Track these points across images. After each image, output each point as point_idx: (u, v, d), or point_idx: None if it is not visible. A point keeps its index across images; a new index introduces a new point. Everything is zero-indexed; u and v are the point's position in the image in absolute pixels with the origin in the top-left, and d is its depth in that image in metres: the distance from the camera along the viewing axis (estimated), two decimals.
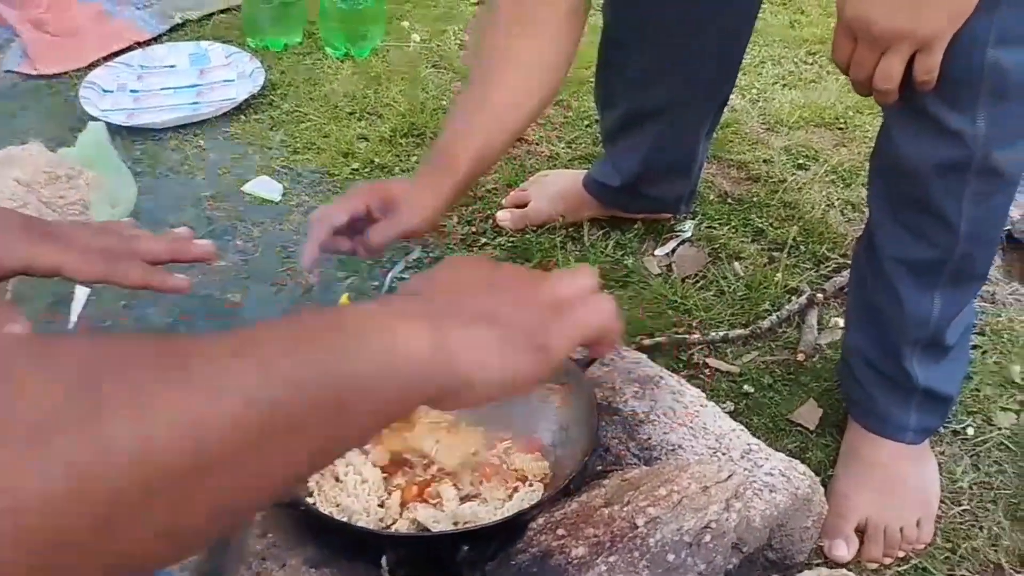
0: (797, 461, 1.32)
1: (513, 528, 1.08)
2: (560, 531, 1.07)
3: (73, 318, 1.92)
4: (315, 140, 2.43)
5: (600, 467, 1.28)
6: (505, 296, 0.63)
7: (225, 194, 2.25)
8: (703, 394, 1.41)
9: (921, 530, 1.49)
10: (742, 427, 1.37)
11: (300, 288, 2.00)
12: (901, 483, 1.51)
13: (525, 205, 2.16)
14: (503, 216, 2.17)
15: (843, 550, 1.48)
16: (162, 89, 2.64)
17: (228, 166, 2.35)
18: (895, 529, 1.47)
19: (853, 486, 1.52)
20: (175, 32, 2.92)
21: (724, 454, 1.31)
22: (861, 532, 1.49)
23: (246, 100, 2.55)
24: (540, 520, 1.10)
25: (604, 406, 1.35)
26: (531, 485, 1.20)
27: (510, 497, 1.17)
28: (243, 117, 2.53)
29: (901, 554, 1.48)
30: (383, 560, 1.06)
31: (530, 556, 1.05)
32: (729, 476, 1.09)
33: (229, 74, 2.68)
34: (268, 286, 2.00)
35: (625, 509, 1.07)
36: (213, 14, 2.99)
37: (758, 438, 1.34)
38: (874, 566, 1.47)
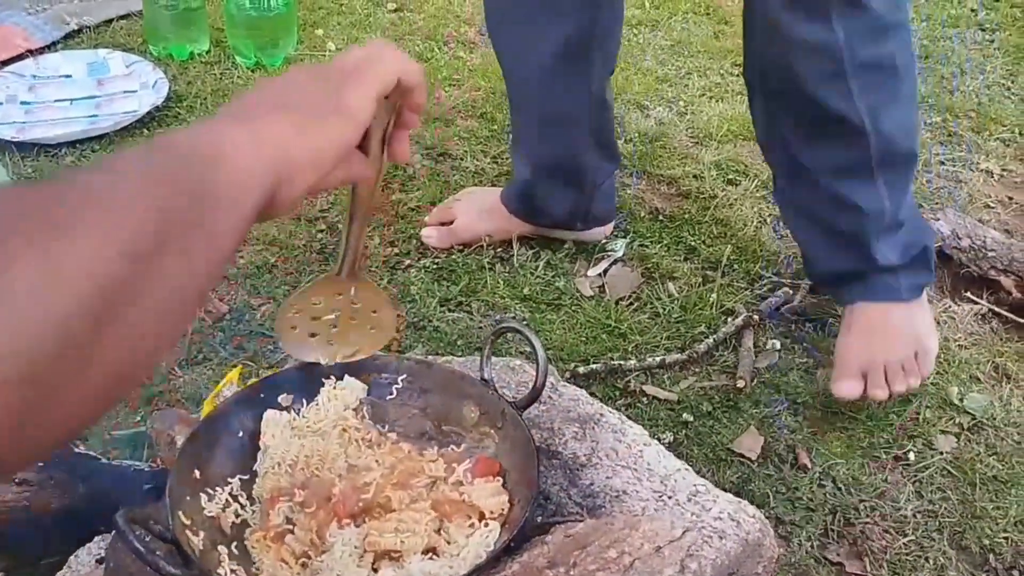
0: (745, 502, 1.25)
1: None
2: None
3: None
4: None
5: (540, 517, 1.19)
6: (294, 81, 0.71)
7: None
8: (645, 432, 1.33)
9: (920, 363, 1.64)
10: (687, 466, 1.30)
11: (210, 316, 1.86)
12: (895, 328, 1.65)
13: (451, 222, 2.06)
14: (428, 233, 2.05)
15: (850, 388, 1.63)
16: (57, 101, 2.45)
17: None
18: (895, 366, 1.62)
19: (854, 342, 1.68)
20: (71, 39, 2.73)
21: (670, 498, 1.23)
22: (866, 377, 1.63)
23: (149, 113, 2.39)
24: None
25: (543, 449, 1.26)
26: (487, 524, 1.11)
27: (468, 537, 1.08)
28: (146, 131, 2.36)
29: (903, 388, 1.64)
30: None
31: None
32: (683, 533, 1.01)
33: (130, 84, 2.51)
34: None
35: (572, 572, 0.98)
36: (112, 20, 2.81)
37: (699, 470, 1.28)
38: (883, 397, 1.65)
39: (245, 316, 1.86)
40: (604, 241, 2.07)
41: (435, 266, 2.01)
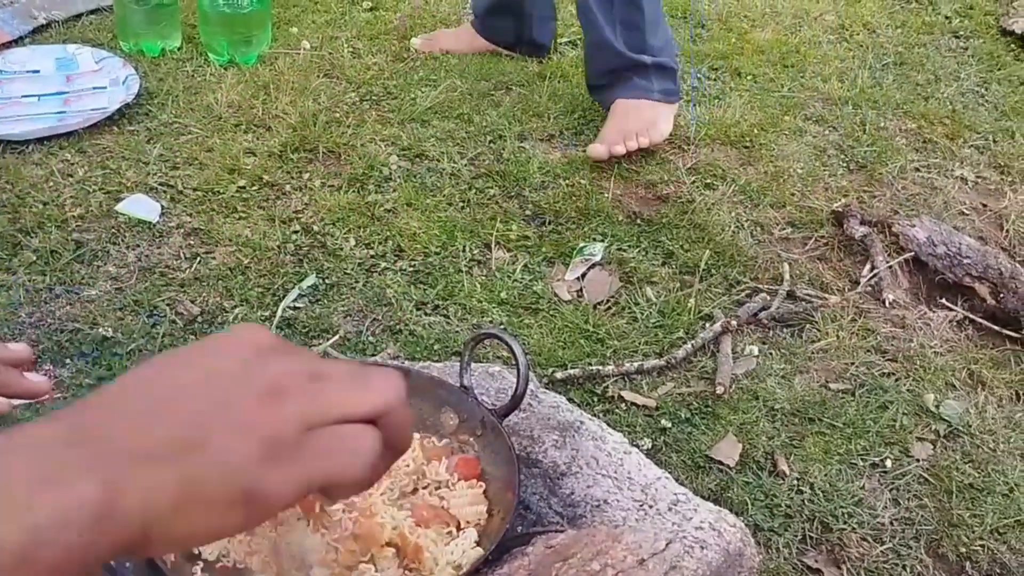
0: (726, 511, 1.24)
1: None
2: None
3: None
4: (197, 154, 2.25)
5: (521, 528, 1.17)
6: (223, 409, 0.45)
7: (96, 214, 2.05)
8: (625, 439, 1.32)
9: (651, 134, 2.29)
10: (667, 475, 1.28)
11: (181, 319, 1.82)
12: (640, 113, 2.31)
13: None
14: (415, 41, 2.74)
15: (598, 150, 2.26)
16: (24, 96, 2.40)
17: (99, 183, 2.14)
18: (632, 133, 2.27)
19: (611, 124, 2.31)
20: (39, 34, 2.68)
21: (651, 507, 1.22)
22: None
23: (119, 109, 2.34)
24: None
25: (523, 457, 1.24)
26: (464, 532, 1.09)
27: (446, 544, 1.05)
28: (116, 128, 2.32)
29: (634, 145, 2.27)
30: None
31: None
32: (667, 545, 0.99)
33: (100, 80, 2.46)
34: (145, 317, 1.81)
35: None
36: (82, 15, 2.76)
37: (678, 477, 1.26)
38: (622, 151, 2.26)
39: (217, 319, 1.82)
40: (582, 245, 2.06)
41: (411, 268, 1.98)
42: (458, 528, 1.10)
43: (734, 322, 1.87)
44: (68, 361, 1.71)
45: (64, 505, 0.39)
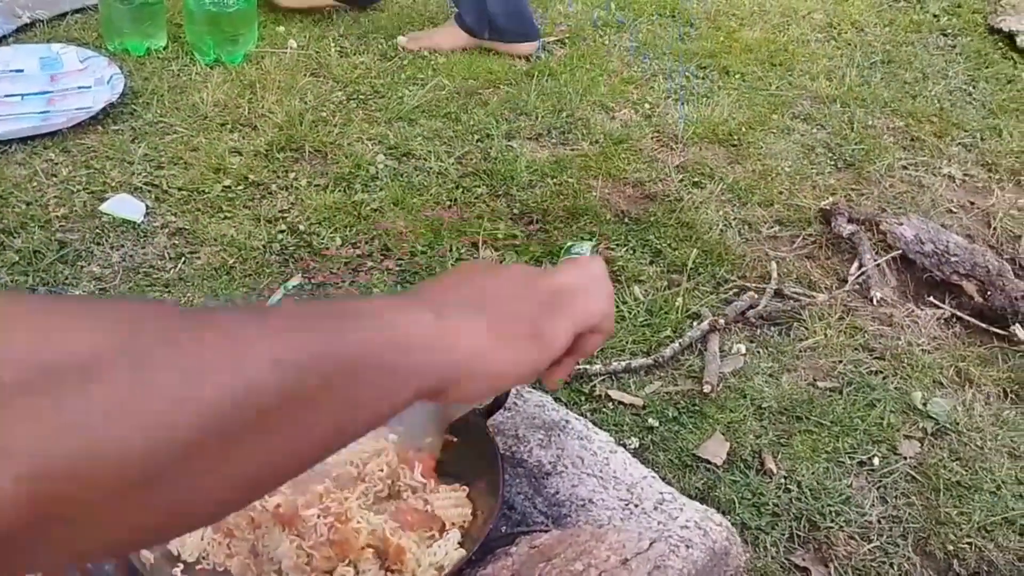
0: (712, 510, 1.23)
1: None
2: None
3: None
4: (182, 154, 2.23)
5: (505, 528, 1.16)
6: (505, 285, 0.64)
7: (79, 214, 2.03)
8: (611, 438, 1.31)
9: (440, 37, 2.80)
10: (653, 474, 1.28)
11: None
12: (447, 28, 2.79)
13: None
14: (401, 40, 2.78)
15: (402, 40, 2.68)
16: (7, 96, 2.38)
17: (83, 182, 2.12)
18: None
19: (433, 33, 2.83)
20: (23, 33, 2.66)
21: (637, 506, 1.21)
22: None
23: (104, 109, 2.32)
24: None
25: (507, 457, 1.23)
26: (447, 534, 1.07)
27: (429, 545, 1.04)
28: (101, 128, 2.30)
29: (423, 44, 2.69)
30: None
31: None
32: (650, 544, 0.98)
33: (84, 80, 2.44)
34: None
35: None
36: (66, 14, 2.74)
37: (665, 476, 1.26)
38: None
39: None
40: (569, 244, 2.05)
41: (398, 268, 1.97)
42: (442, 531, 1.09)
43: (721, 320, 1.87)
44: None
45: (411, 319, 0.53)
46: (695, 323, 1.88)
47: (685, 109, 2.57)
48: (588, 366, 1.76)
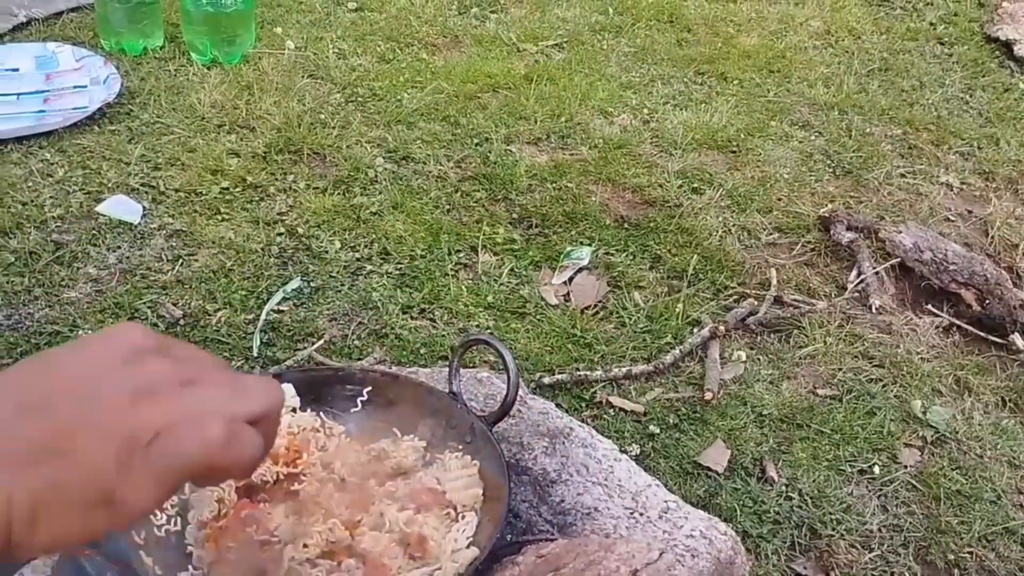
0: (716, 519, 1.23)
1: None
2: None
3: None
4: (179, 155, 2.22)
5: (511, 536, 1.16)
6: (82, 415, 0.45)
7: (76, 215, 2.01)
8: (615, 446, 1.30)
9: None
10: (657, 482, 1.27)
11: (163, 322, 1.79)
12: None
13: None
14: None
15: None
16: (3, 95, 2.36)
17: (79, 183, 2.11)
18: None
19: None
20: (18, 32, 2.63)
21: (642, 515, 1.20)
22: None
23: (100, 109, 2.31)
24: None
25: (512, 464, 1.22)
26: (464, 516, 1.07)
27: (448, 531, 1.03)
28: (97, 128, 2.28)
29: None
30: None
31: None
32: (660, 555, 0.98)
33: (80, 79, 2.42)
34: (126, 320, 1.78)
35: None
36: (62, 13, 2.72)
37: (667, 484, 1.25)
38: None
39: (200, 322, 1.80)
40: (569, 249, 2.04)
41: (397, 272, 1.96)
42: (455, 512, 1.07)
43: (722, 327, 1.86)
44: None
45: None
46: (695, 330, 1.88)
47: (683, 115, 2.57)
48: (589, 372, 1.75)
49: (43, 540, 0.43)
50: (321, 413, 1.16)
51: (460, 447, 1.17)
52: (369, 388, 1.21)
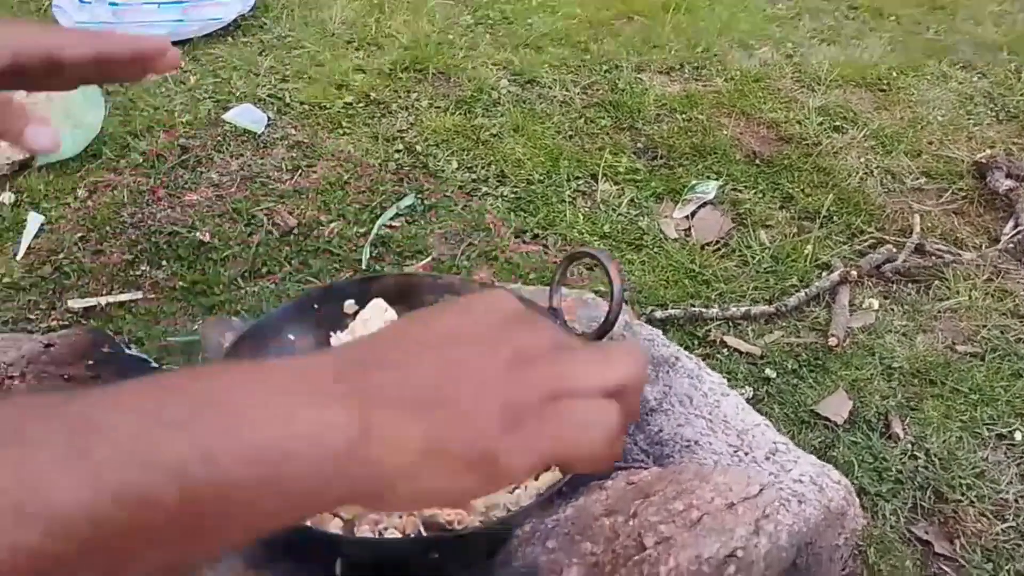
0: (830, 467, 1.13)
1: (494, 537, 0.89)
2: (550, 543, 0.88)
3: (23, 247, 1.73)
4: (307, 69, 2.22)
5: None
6: (464, 368, 0.44)
7: (203, 122, 2.04)
8: (724, 380, 1.22)
9: None
10: (767, 422, 1.18)
11: (277, 229, 1.80)
12: None
13: None
14: None
15: None
16: (144, 3, 2.41)
17: (209, 91, 2.13)
18: None
19: None
20: None
21: (747, 454, 1.12)
22: None
23: (235, 21, 2.33)
24: (527, 527, 0.91)
25: None
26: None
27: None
28: (230, 39, 2.30)
29: None
30: (336, 565, 0.88)
31: (513, 572, 0.86)
32: (760, 490, 0.90)
33: None
34: (242, 225, 1.79)
35: (631, 523, 0.88)
36: None
37: (779, 430, 1.16)
38: None
39: (313, 232, 1.79)
40: (694, 183, 1.94)
41: (513, 195, 1.90)
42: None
43: (854, 273, 1.73)
44: (164, 263, 1.71)
45: (323, 422, 0.39)
46: (824, 273, 1.75)
47: (831, 50, 2.39)
48: (704, 309, 1.66)
49: (414, 493, 0.42)
50: None
51: None
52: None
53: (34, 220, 1.77)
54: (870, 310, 1.70)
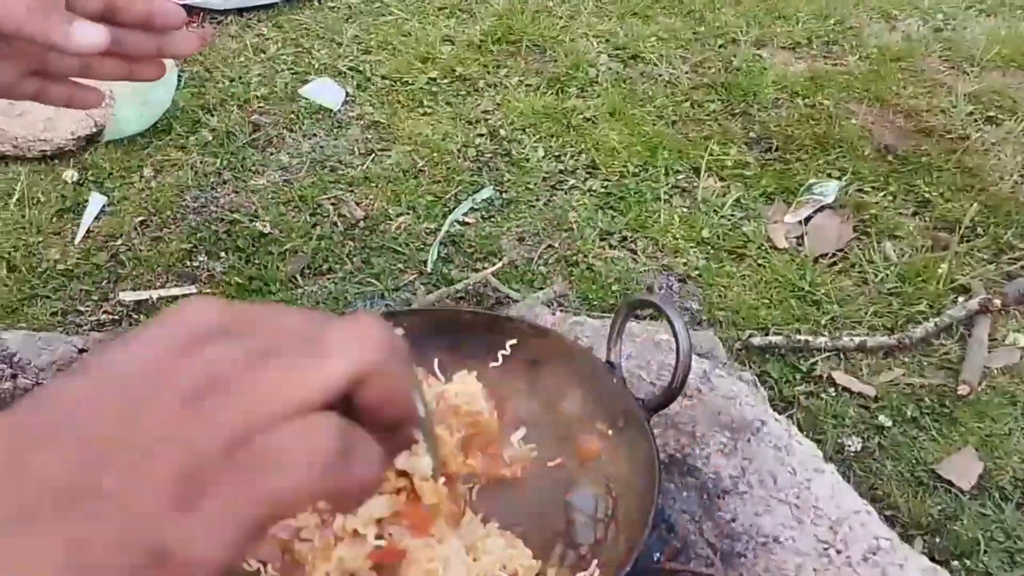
0: (945, 572, 0.92)
1: None
2: None
3: (82, 230, 1.65)
4: (392, 38, 2.06)
5: (659, 555, 0.92)
6: (126, 433, 0.32)
7: (279, 96, 1.92)
8: (819, 452, 1.01)
9: None
10: (869, 507, 0.97)
11: (343, 222, 1.66)
12: None
13: None
14: None
15: None
16: None
17: (289, 62, 2.01)
18: None
19: None
20: None
21: (839, 552, 0.92)
22: None
23: None
24: None
25: (676, 460, 0.97)
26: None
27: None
28: (316, 3, 2.17)
29: None
30: None
31: None
32: None
33: None
34: (307, 215, 1.67)
35: None
36: None
37: (890, 494, 0.95)
38: None
39: (380, 225, 1.65)
40: (812, 182, 1.69)
41: (603, 190, 1.71)
42: None
43: (998, 301, 1.47)
44: (223, 255, 1.60)
45: None
46: (961, 299, 1.49)
47: (990, 23, 2.07)
48: (811, 338, 1.43)
49: None
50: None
51: (609, 432, 0.93)
52: (513, 341, 0.99)
53: (96, 201, 1.69)
54: (1015, 347, 1.44)
